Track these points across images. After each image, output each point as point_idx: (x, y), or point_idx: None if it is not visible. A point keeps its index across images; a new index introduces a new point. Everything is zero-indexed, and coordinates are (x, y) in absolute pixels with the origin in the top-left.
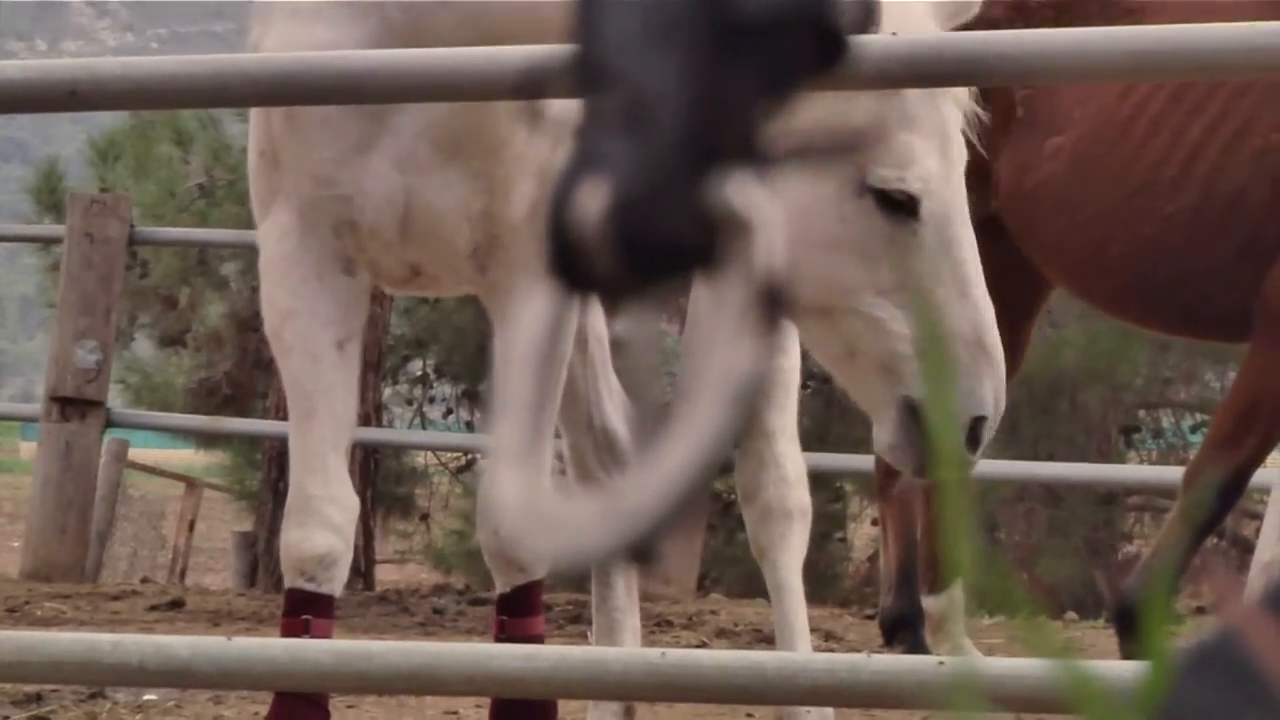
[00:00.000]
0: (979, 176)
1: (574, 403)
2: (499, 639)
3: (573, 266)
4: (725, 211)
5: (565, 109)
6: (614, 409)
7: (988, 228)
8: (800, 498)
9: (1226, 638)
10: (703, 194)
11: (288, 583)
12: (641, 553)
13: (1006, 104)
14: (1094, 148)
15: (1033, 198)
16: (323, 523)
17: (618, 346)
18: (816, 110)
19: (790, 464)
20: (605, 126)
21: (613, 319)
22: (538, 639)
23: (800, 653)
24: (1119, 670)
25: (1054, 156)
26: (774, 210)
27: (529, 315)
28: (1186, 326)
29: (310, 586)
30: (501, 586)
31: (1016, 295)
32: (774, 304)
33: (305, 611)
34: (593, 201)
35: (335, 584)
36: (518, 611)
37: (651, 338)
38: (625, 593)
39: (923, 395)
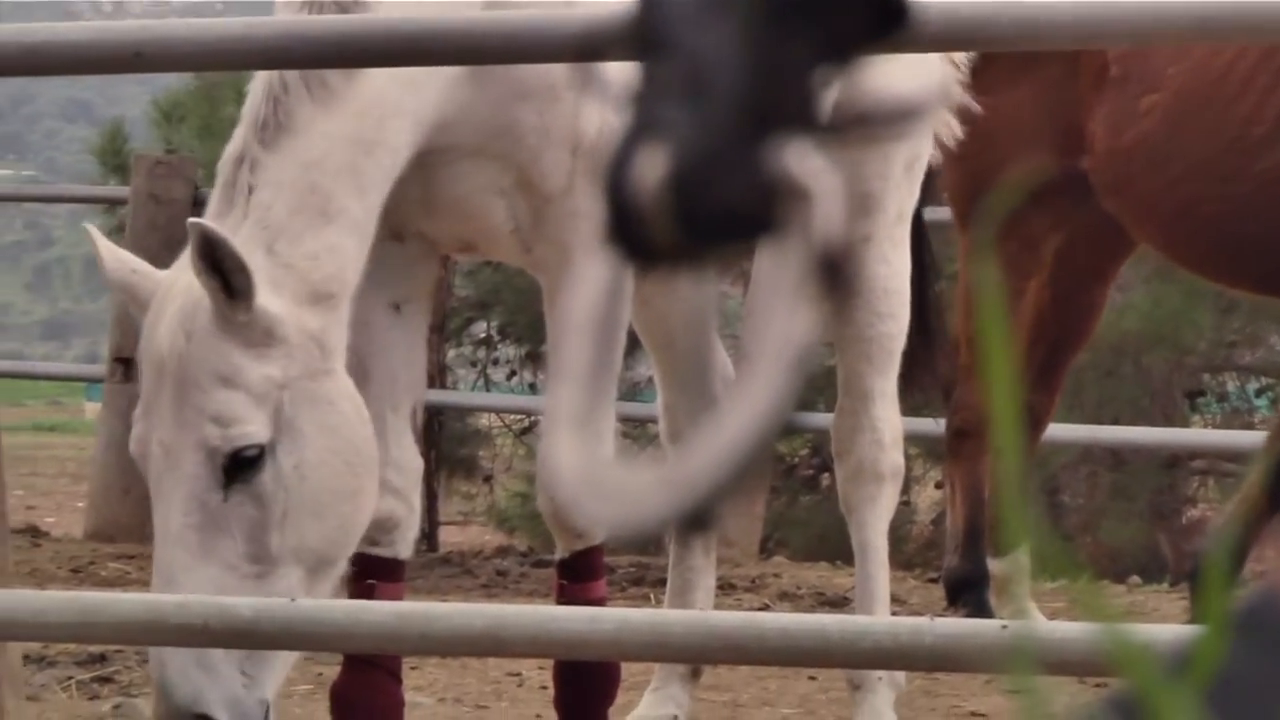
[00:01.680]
0: (1069, 135)
1: (674, 360)
2: (559, 603)
3: (630, 233)
4: (784, 179)
5: (619, 73)
6: (715, 373)
7: (1072, 190)
8: (894, 460)
9: (1270, 603)
10: (762, 161)
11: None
12: (698, 521)
13: (1100, 62)
14: (1187, 105)
15: (1126, 156)
16: (384, 487)
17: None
18: (877, 76)
19: (886, 427)
20: (663, 93)
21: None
22: (598, 604)
23: (868, 616)
24: (1175, 635)
25: (1148, 114)
26: (833, 178)
27: (587, 282)
28: (1277, 286)
29: (374, 551)
30: (561, 551)
31: (1094, 260)
32: (833, 272)
33: (371, 575)
34: (651, 168)
35: (399, 547)
36: (577, 576)
37: (710, 304)
38: (702, 553)
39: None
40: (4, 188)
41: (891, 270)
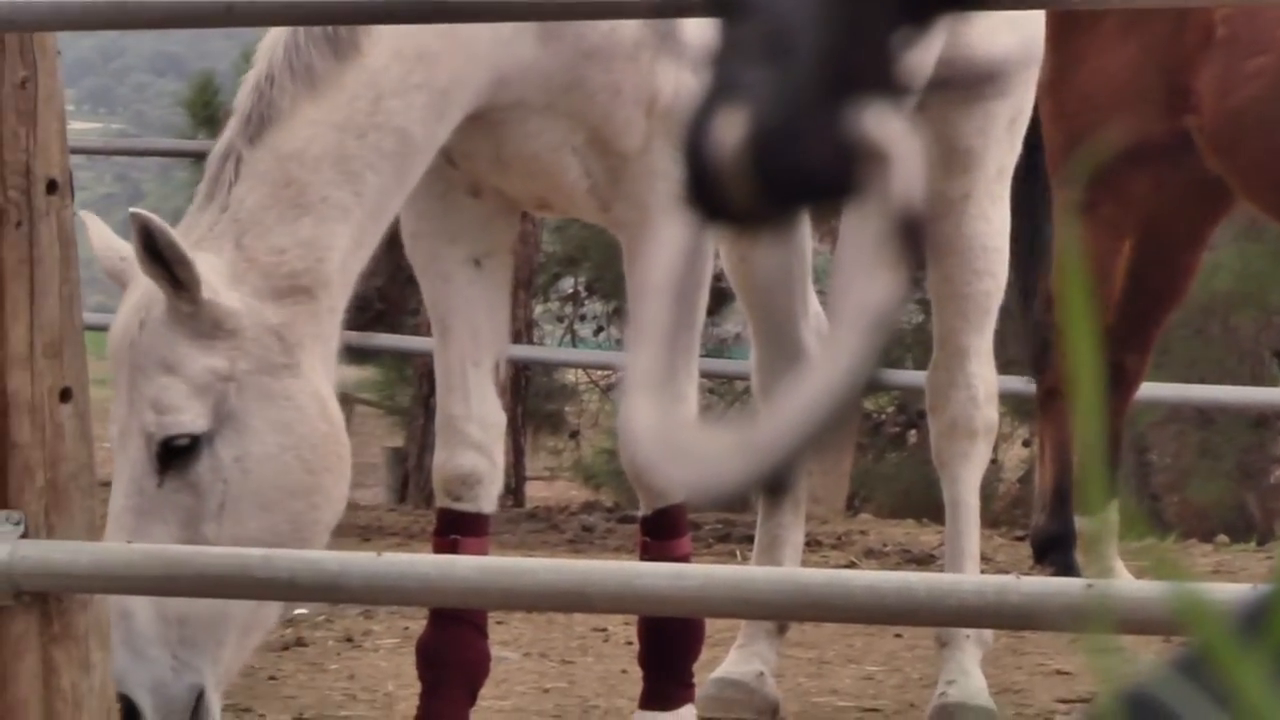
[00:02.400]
0: (1174, 95)
1: (764, 316)
2: (642, 559)
3: (709, 195)
4: (863, 142)
5: (697, 33)
6: (808, 327)
7: (1172, 151)
8: (988, 416)
9: None
10: (841, 124)
11: (437, 502)
12: (776, 483)
13: (1206, 22)
14: None
15: (1235, 117)
16: (465, 442)
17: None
18: (957, 39)
19: (981, 384)
20: (742, 54)
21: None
22: (682, 561)
23: (958, 573)
24: (1256, 595)
25: (1257, 76)
26: (912, 142)
27: (666, 244)
28: None
29: (458, 506)
30: (645, 508)
31: (1190, 221)
32: (911, 236)
33: (454, 530)
34: (730, 130)
35: (483, 502)
36: (661, 534)
37: (793, 264)
38: (791, 510)
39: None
40: (94, 141)
41: (991, 228)
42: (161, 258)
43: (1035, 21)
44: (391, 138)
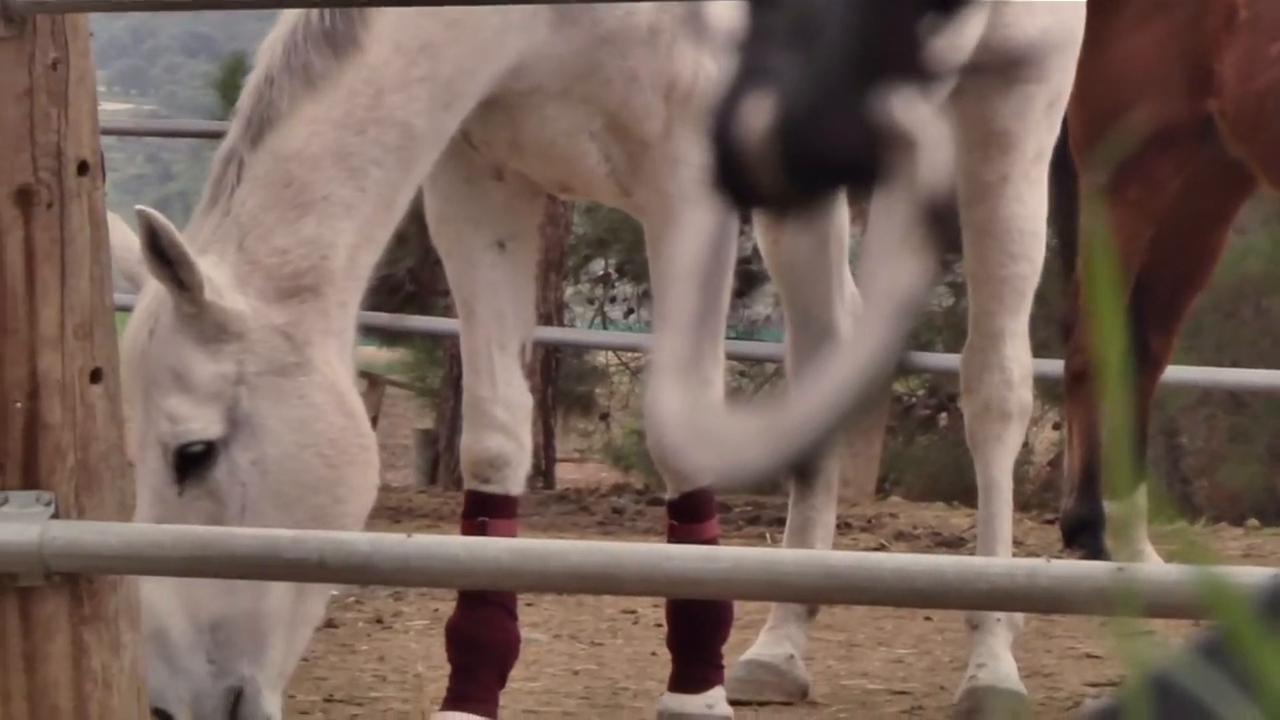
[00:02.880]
0: (1196, 77)
1: (797, 299)
2: (670, 542)
3: (736, 181)
4: (891, 128)
5: (723, 18)
6: (844, 309)
7: (1196, 133)
8: (1022, 399)
9: None
10: (868, 110)
11: (465, 484)
12: (802, 468)
13: (1229, 5)
14: None
15: (1257, 101)
16: (491, 424)
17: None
18: (983, 26)
19: (1015, 366)
20: (770, 39)
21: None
22: (709, 544)
23: (989, 555)
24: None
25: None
26: (940, 128)
27: (692, 229)
28: None
29: (485, 488)
30: (671, 492)
31: (1214, 202)
32: (939, 221)
33: (482, 512)
34: (757, 116)
35: (510, 484)
36: (687, 517)
37: (823, 248)
38: (823, 492)
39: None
40: (125, 122)
41: (1028, 211)
42: (167, 258)
43: (1074, 3)
44: (394, 131)
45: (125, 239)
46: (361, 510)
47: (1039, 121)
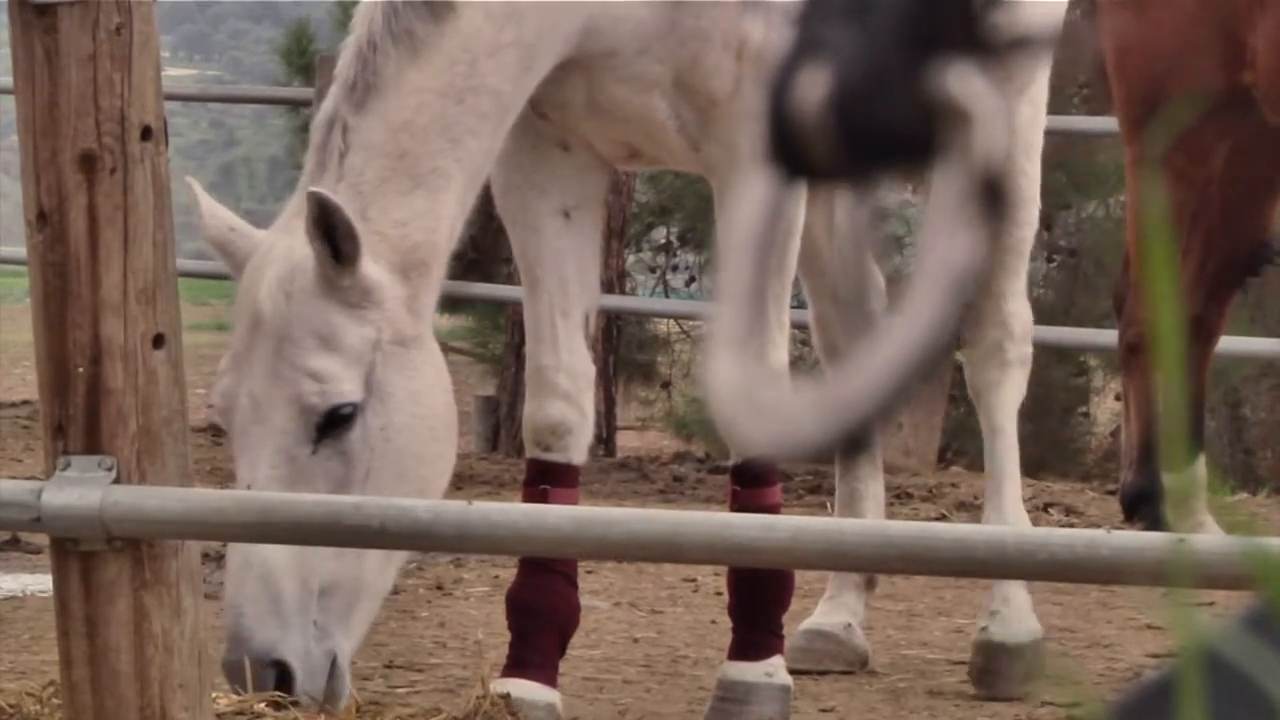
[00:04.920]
0: (1232, 49)
1: (822, 274)
2: (732, 509)
3: (792, 153)
4: (946, 101)
5: None
6: (872, 287)
7: (1239, 102)
8: (1022, 350)
9: None
10: (923, 83)
11: (527, 452)
12: (855, 442)
13: None
14: None
15: None
16: (554, 392)
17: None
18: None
19: (1016, 321)
20: (827, 13)
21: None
22: (771, 510)
23: (997, 507)
24: None
25: None
26: (995, 101)
27: (748, 202)
28: None
29: (547, 456)
30: (734, 457)
31: (1262, 169)
32: (993, 195)
33: (543, 481)
34: (813, 89)
35: (572, 452)
36: (750, 482)
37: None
38: (869, 462)
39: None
40: (189, 88)
41: (1028, 179)
42: (329, 234)
43: None
44: (488, 99)
45: (214, 209)
46: (446, 485)
47: (1035, 87)
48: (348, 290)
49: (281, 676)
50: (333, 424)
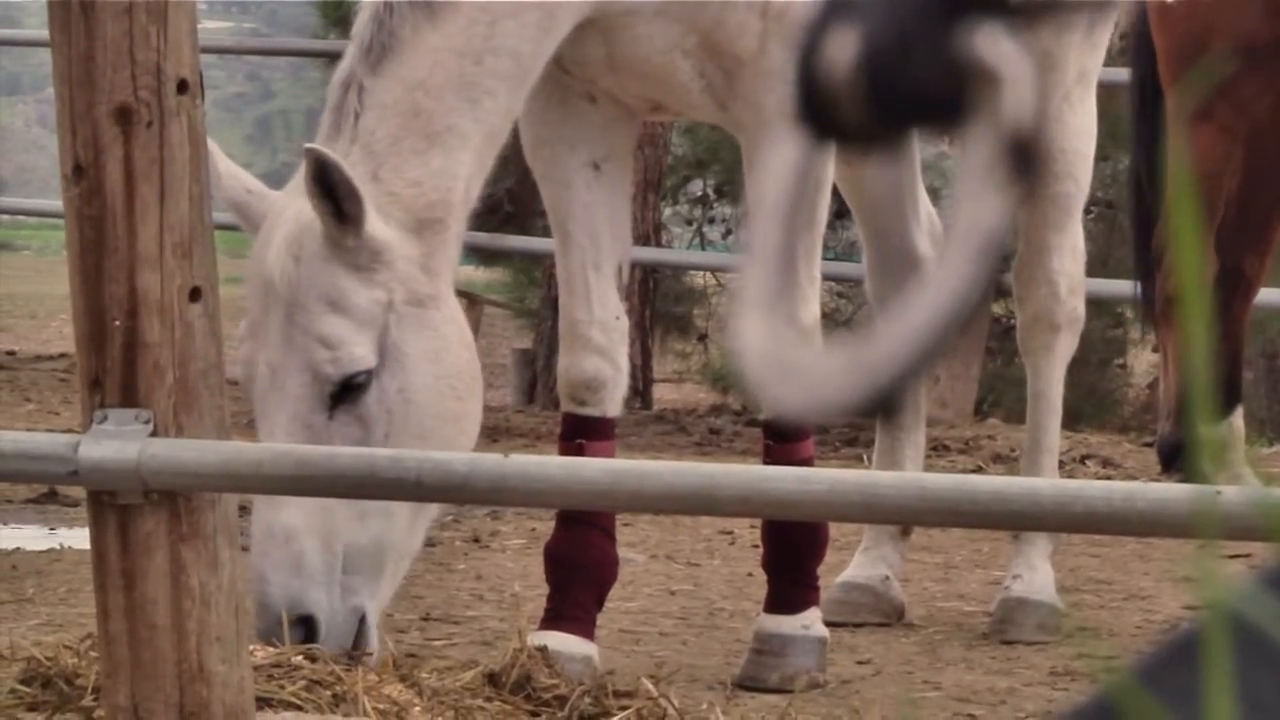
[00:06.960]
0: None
1: (873, 221)
2: (765, 463)
3: (821, 114)
4: (975, 63)
5: None
6: (919, 229)
7: (1278, 52)
8: (1071, 309)
9: None
10: (953, 45)
11: (562, 406)
12: (885, 404)
13: None
14: None
15: None
16: (587, 346)
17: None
18: None
19: (1063, 279)
20: None
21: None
22: (804, 464)
23: (1035, 466)
24: None
25: None
26: (1025, 63)
27: (777, 163)
28: None
29: (582, 410)
30: (766, 413)
31: None
32: (1023, 157)
33: (579, 434)
34: (842, 50)
35: (607, 405)
36: (783, 437)
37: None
38: (912, 413)
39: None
40: (225, 40)
41: (1068, 130)
42: (331, 192)
43: None
44: (507, 60)
45: (233, 170)
46: (472, 443)
47: (1078, 42)
48: (354, 251)
49: (309, 633)
50: (347, 389)
